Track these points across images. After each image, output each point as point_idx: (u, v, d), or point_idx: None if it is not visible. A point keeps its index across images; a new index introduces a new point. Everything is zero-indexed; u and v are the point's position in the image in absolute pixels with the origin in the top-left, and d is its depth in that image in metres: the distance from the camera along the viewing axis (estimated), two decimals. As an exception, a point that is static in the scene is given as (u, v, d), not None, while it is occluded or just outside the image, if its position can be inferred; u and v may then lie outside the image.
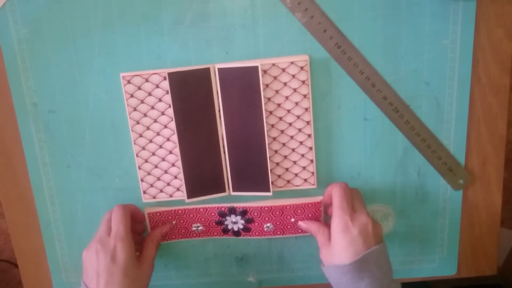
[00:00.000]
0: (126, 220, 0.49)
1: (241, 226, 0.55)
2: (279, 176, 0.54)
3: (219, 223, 0.55)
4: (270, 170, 0.53)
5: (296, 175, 0.54)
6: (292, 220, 0.54)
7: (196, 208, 0.54)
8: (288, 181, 0.54)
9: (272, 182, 0.53)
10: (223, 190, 0.54)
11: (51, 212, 0.56)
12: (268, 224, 0.54)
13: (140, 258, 0.50)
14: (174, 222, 0.55)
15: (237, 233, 0.55)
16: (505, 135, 0.54)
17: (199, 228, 0.55)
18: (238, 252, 0.58)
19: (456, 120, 0.53)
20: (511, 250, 1.07)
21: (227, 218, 0.55)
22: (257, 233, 0.55)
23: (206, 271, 0.59)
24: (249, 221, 0.54)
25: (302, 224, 0.53)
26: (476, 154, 0.54)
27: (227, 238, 0.57)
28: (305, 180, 0.54)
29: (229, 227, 0.55)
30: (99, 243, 0.47)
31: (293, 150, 0.53)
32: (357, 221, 0.46)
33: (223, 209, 0.54)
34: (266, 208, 0.53)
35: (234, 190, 0.54)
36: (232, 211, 0.54)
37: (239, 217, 0.54)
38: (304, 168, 0.53)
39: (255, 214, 0.54)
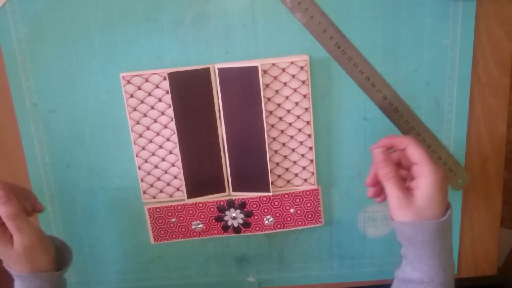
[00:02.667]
0: None
1: (241, 222, 0.55)
2: (279, 176, 0.54)
3: (219, 219, 0.55)
4: (270, 170, 0.53)
5: (296, 175, 0.54)
6: (292, 210, 0.54)
7: (195, 204, 0.54)
8: (288, 181, 0.54)
9: (272, 182, 0.53)
10: (223, 190, 0.54)
11: (51, 212, 0.56)
12: (268, 217, 0.55)
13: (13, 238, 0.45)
14: (174, 219, 0.55)
15: (237, 230, 0.55)
16: (505, 135, 0.54)
17: (199, 226, 0.55)
18: (238, 252, 0.58)
19: (456, 120, 0.53)
20: (511, 250, 1.07)
21: (227, 213, 0.55)
22: (257, 228, 0.55)
23: (206, 271, 0.59)
24: (248, 214, 0.54)
25: (377, 154, 0.45)
26: (476, 154, 0.54)
27: (227, 238, 0.57)
28: (305, 180, 0.54)
29: (229, 223, 0.55)
30: None
31: (293, 150, 0.53)
32: (446, 176, 0.42)
33: (222, 203, 0.54)
34: (265, 199, 0.53)
35: (234, 190, 0.54)
36: (231, 204, 0.54)
37: (238, 211, 0.54)
38: (304, 168, 0.53)
39: (254, 206, 0.54)
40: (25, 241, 0.44)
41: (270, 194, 0.53)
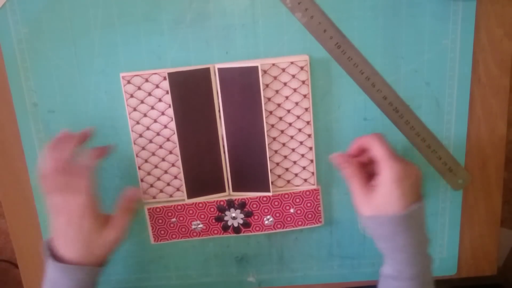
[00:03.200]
0: (87, 183, 0.46)
1: (241, 221, 0.55)
2: (279, 176, 0.54)
3: (219, 219, 0.55)
4: (270, 170, 0.53)
5: (296, 175, 0.54)
6: (292, 210, 0.54)
7: (195, 204, 0.54)
8: (288, 181, 0.54)
9: (272, 182, 0.53)
10: (223, 190, 0.54)
11: (51, 212, 0.56)
12: (268, 217, 0.55)
13: (108, 224, 0.48)
14: (174, 219, 0.55)
15: (237, 230, 0.55)
16: (505, 135, 0.54)
17: (199, 226, 0.55)
18: (238, 252, 0.58)
19: (456, 120, 0.53)
20: (511, 250, 1.07)
21: (227, 213, 0.55)
22: (257, 228, 0.55)
23: (206, 271, 0.59)
24: (248, 214, 0.54)
25: (334, 158, 0.48)
26: (476, 154, 0.54)
27: (227, 238, 0.57)
28: (305, 180, 0.54)
29: (229, 223, 0.55)
30: (57, 205, 0.46)
31: (293, 150, 0.53)
32: (409, 171, 0.43)
33: (222, 203, 0.54)
34: (265, 199, 0.54)
35: (234, 190, 0.54)
36: (231, 204, 0.54)
37: (238, 211, 0.54)
38: (304, 168, 0.53)
39: (254, 206, 0.54)
40: (121, 235, 0.48)
41: (270, 194, 0.53)
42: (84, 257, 0.46)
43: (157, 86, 0.51)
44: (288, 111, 0.51)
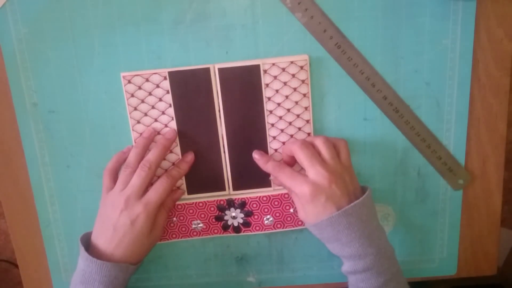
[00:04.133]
0: (165, 194, 0.49)
1: (241, 221, 0.55)
2: (279, 176, 0.54)
3: (219, 218, 0.55)
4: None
5: (296, 175, 0.54)
6: (291, 210, 0.54)
7: (196, 203, 0.54)
8: (288, 181, 0.54)
9: (272, 181, 0.53)
10: (223, 189, 0.54)
11: (51, 212, 0.56)
12: (268, 216, 0.55)
13: (153, 225, 0.49)
14: (174, 219, 0.55)
15: (237, 229, 0.55)
16: (505, 135, 0.54)
17: (199, 225, 0.55)
18: (238, 252, 0.58)
19: (456, 120, 0.53)
20: (511, 250, 1.07)
21: (227, 212, 0.55)
22: (257, 228, 0.55)
23: (206, 271, 0.59)
24: (248, 214, 0.54)
25: (275, 180, 0.52)
26: (476, 154, 0.54)
27: (227, 238, 0.57)
28: (305, 180, 0.54)
29: (229, 223, 0.55)
30: (126, 202, 0.47)
31: (293, 150, 0.53)
32: (318, 187, 0.44)
33: (222, 202, 0.54)
34: (265, 198, 0.54)
35: (234, 189, 0.54)
36: (231, 203, 0.54)
37: (238, 211, 0.54)
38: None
39: (254, 205, 0.54)
40: (161, 233, 0.51)
41: (271, 189, 0.53)
42: (127, 255, 0.47)
43: (158, 86, 0.51)
44: (288, 110, 0.51)
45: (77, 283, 0.47)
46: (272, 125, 0.52)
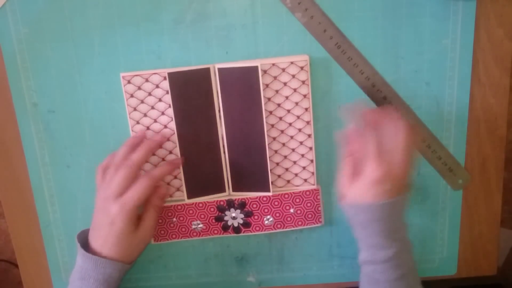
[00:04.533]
0: (144, 195, 0.48)
1: (241, 221, 0.55)
2: (279, 176, 0.54)
3: (219, 219, 0.55)
4: (270, 170, 0.53)
5: (296, 175, 0.54)
6: (291, 210, 0.54)
7: (195, 204, 0.54)
8: (288, 181, 0.54)
9: (272, 182, 0.53)
10: (223, 190, 0.54)
11: (51, 212, 0.56)
12: (268, 217, 0.55)
13: (139, 225, 0.49)
14: (174, 219, 0.55)
15: (237, 230, 0.55)
16: (505, 135, 0.54)
17: (199, 226, 0.55)
18: (238, 252, 0.58)
19: (456, 120, 0.53)
20: (511, 250, 1.07)
21: (226, 213, 0.55)
22: (257, 228, 0.55)
23: (206, 271, 0.59)
24: (248, 214, 0.54)
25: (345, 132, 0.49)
26: (476, 154, 0.54)
27: (227, 238, 0.57)
28: (305, 180, 0.54)
29: (229, 223, 0.55)
30: (104, 202, 0.47)
31: (293, 150, 0.53)
32: (390, 175, 0.43)
33: (222, 203, 0.54)
34: (265, 199, 0.54)
35: (234, 190, 0.54)
36: (231, 204, 0.54)
37: (238, 211, 0.54)
38: (304, 168, 0.53)
39: (254, 206, 0.54)
40: (150, 232, 0.51)
41: (270, 194, 0.53)
42: (116, 254, 0.47)
43: (157, 86, 0.51)
44: (288, 111, 0.51)
45: (76, 279, 0.47)
46: (272, 125, 0.52)
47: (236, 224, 0.55)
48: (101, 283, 0.46)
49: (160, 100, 0.51)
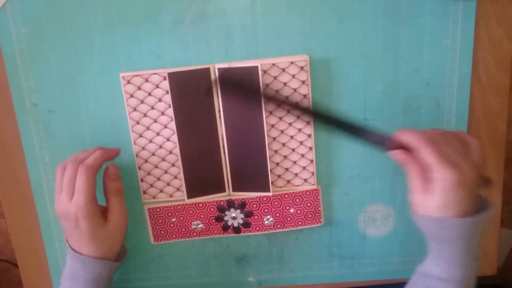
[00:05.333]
0: (89, 186, 0.46)
1: (241, 221, 0.55)
2: (279, 176, 0.54)
3: (219, 219, 0.55)
4: (270, 170, 0.53)
5: (296, 175, 0.54)
6: (292, 210, 0.54)
7: (195, 204, 0.54)
8: (288, 181, 0.54)
9: (272, 182, 0.53)
10: (223, 190, 0.54)
11: (51, 212, 0.56)
12: (268, 217, 0.55)
13: (108, 215, 0.49)
14: (174, 219, 0.55)
15: (237, 230, 0.55)
16: (505, 135, 0.54)
17: (199, 226, 0.55)
18: (238, 252, 0.58)
19: (456, 120, 0.53)
20: (511, 250, 1.07)
21: (227, 213, 0.55)
22: (257, 228, 0.55)
23: (206, 271, 0.59)
24: (248, 214, 0.54)
25: (397, 154, 0.44)
26: (476, 154, 0.54)
27: (227, 238, 0.57)
28: (305, 180, 0.54)
29: (229, 223, 0.55)
30: (61, 211, 0.47)
31: (293, 150, 0.53)
32: (463, 177, 0.40)
33: (222, 203, 0.54)
34: (265, 199, 0.54)
35: (234, 190, 0.54)
36: (231, 204, 0.54)
37: (238, 211, 0.54)
38: (304, 168, 0.53)
39: (254, 206, 0.54)
40: (120, 218, 0.50)
41: (270, 194, 0.53)
42: (96, 252, 0.47)
43: (157, 86, 0.51)
44: (288, 111, 0.51)
45: (65, 279, 0.48)
46: (272, 125, 0.52)
47: (236, 224, 0.55)
48: (91, 282, 0.47)
49: (160, 100, 0.51)
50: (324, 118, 0.48)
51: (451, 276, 0.43)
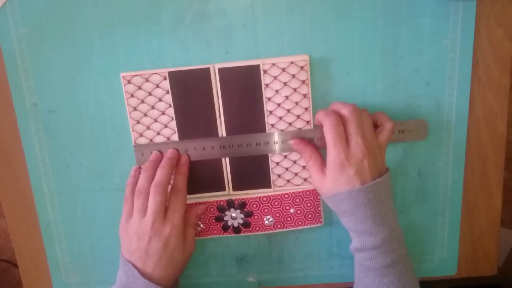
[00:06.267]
0: (184, 208, 0.50)
1: (241, 221, 0.55)
2: (279, 175, 0.54)
3: (219, 219, 0.55)
4: (271, 170, 0.53)
5: (296, 174, 0.54)
6: (292, 210, 0.54)
7: (196, 203, 0.54)
8: (288, 181, 0.54)
9: (272, 181, 0.53)
10: (223, 189, 0.54)
11: (51, 212, 0.56)
12: (268, 217, 0.55)
13: (184, 242, 0.50)
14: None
15: (237, 230, 0.55)
16: (505, 135, 0.54)
17: (199, 226, 0.55)
18: (238, 252, 0.58)
19: (456, 120, 0.53)
20: (511, 250, 1.07)
21: (226, 213, 0.55)
22: (257, 228, 0.55)
23: (206, 271, 0.59)
24: (248, 214, 0.54)
25: (294, 144, 0.50)
26: (476, 154, 0.54)
27: (227, 238, 0.57)
28: (305, 179, 0.54)
29: (229, 223, 0.55)
30: (153, 228, 0.47)
31: (293, 149, 0.53)
32: (352, 159, 0.45)
33: (222, 203, 0.54)
34: (265, 199, 0.54)
35: (234, 190, 0.54)
36: (231, 204, 0.54)
37: (238, 211, 0.54)
38: (304, 167, 0.53)
39: (254, 206, 0.54)
40: (193, 248, 0.52)
41: (271, 190, 0.53)
42: (165, 278, 0.48)
43: (158, 86, 0.51)
44: (288, 110, 0.51)
45: None
46: (272, 125, 0.52)
47: (236, 224, 0.55)
48: None
49: (160, 100, 0.51)
50: None
51: (364, 244, 0.46)
